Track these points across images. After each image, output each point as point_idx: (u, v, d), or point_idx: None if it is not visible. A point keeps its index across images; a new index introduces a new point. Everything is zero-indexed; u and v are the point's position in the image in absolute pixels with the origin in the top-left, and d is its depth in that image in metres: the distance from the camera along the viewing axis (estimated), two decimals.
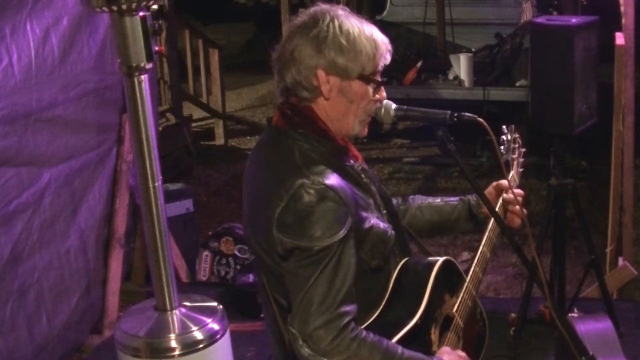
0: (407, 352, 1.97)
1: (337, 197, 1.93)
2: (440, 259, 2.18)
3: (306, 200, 1.90)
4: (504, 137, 2.49)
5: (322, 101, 2.04)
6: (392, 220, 2.19)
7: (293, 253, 1.93)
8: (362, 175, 2.13)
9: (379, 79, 2.08)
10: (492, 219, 2.32)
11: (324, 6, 2.06)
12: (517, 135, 2.53)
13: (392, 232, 2.11)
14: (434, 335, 2.11)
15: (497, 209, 2.34)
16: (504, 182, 2.37)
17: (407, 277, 2.15)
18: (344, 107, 2.05)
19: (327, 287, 1.89)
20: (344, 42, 1.98)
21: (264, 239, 1.98)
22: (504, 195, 2.37)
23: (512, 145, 2.51)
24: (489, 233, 2.33)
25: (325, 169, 1.97)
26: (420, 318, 2.06)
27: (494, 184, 2.40)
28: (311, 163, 1.98)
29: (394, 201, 2.39)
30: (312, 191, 1.91)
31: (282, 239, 1.93)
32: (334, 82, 2.02)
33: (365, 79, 2.03)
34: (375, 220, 2.06)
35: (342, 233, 1.91)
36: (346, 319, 1.90)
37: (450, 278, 2.21)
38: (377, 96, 2.09)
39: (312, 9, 2.06)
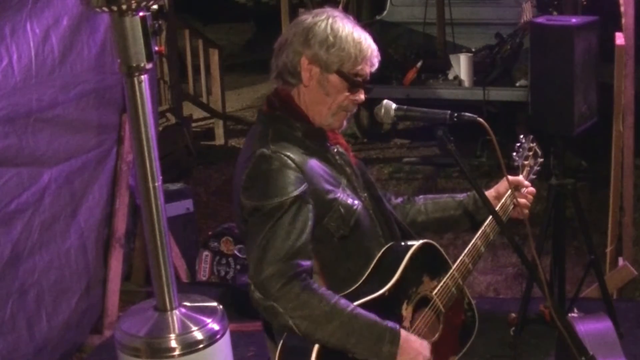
0: (359, 310, 2.04)
1: (294, 164, 2.09)
2: (420, 241, 2.25)
3: (264, 166, 2.08)
4: (519, 144, 2.50)
5: (302, 88, 2.21)
6: (374, 204, 2.29)
7: (252, 214, 2.07)
8: (337, 157, 2.26)
9: (358, 79, 2.18)
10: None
11: (327, 8, 2.25)
12: (534, 144, 2.55)
13: (360, 207, 2.20)
14: (406, 311, 2.15)
15: (503, 201, 2.39)
16: (516, 178, 2.41)
17: (387, 257, 2.22)
18: (319, 97, 2.19)
19: (281, 240, 2.01)
20: (330, 37, 2.15)
21: (238, 206, 2.14)
22: (522, 189, 2.41)
23: (527, 152, 2.52)
24: (485, 227, 2.36)
25: (291, 145, 2.13)
26: (388, 290, 2.12)
27: (503, 179, 2.40)
28: (280, 139, 2.14)
29: (399, 200, 2.51)
30: (270, 159, 2.08)
31: (244, 202, 2.09)
32: (314, 71, 2.17)
33: (343, 75, 2.16)
34: (342, 195, 2.17)
35: (294, 193, 2.05)
36: (297, 270, 2.01)
37: (433, 261, 2.27)
38: (355, 97, 2.20)
39: (317, 9, 2.25)
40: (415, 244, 2.24)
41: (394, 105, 2.19)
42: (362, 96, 2.21)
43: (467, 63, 6.75)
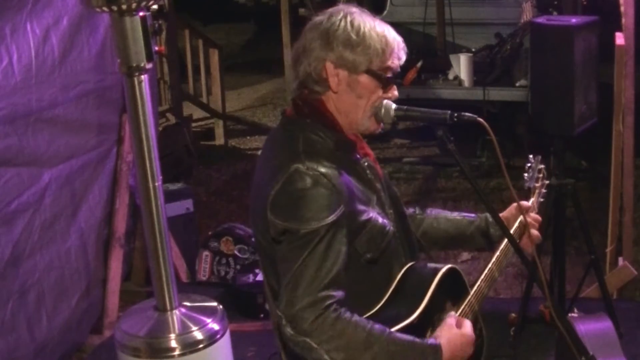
0: (395, 333, 1.97)
1: (330, 184, 1.96)
2: (446, 266, 2.19)
3: (299, 184, 1.95)
4: (529, 164, 2.50)
5: (331, 94, 2.08)
6: (399, 220, 2.21)
7: (284, 236, 1.97)
8: (367, 171, 2.16)
9: (390, 76, 2.09)
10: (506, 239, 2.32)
11: (341, 5, 2.12)
12: (542, 166, 2.54)
13: (392, 228, 2.13)
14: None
15: (514, 227, 2.35)
16: (526, 203, 2.39)
17: (412, 278, 2.16)
18: (352, 102, 2.08)
19: (315, 270, 1.92)
20: (353, 36, 2.03)
21: (261, 220, 2.03)
22: (522, 218, 2.36)
23: (537, 174, 2.52)
24: (499, 253, 2.33)
25: (324, 158, 2.01)
26: (417, 317, 2.06)
27: (515, 204, 2.37)
28: (312, 151, 2.01)
29: (411, 210, 2.43)
30: (305, 176, 1.96)
31: (274, 220, 1.97)
32: (342, 75, 2.06)
33: (373, 74, 2.06)
34: (374, 214, 2.08)
35: (330, 218, 1.94)
36: (330, 301, 1.91)
37: (455, 287, 2.22)
38: (388, 94, 2.11)
39: (331, 9, 2.11)
40: (441, 268, 2.17)
41: (393, 105, 2.13)
42: (395, 92, 2.12)
43: (467, 63, 6.75)
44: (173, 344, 2.01)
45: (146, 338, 2.01)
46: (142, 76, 1.94)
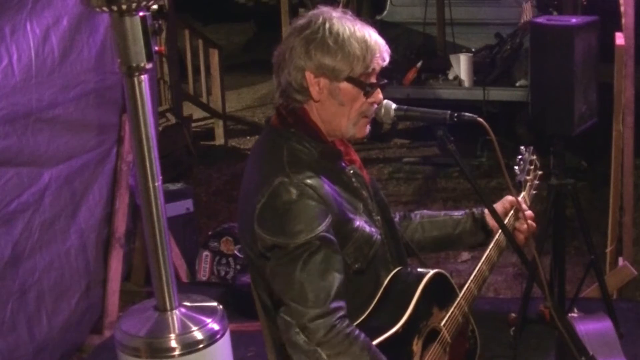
0: None
1: (316, 195, 1.94)
2: (432, 271, 2.17)
3: (284, 197, 1.93)
4: (520, 157, 2.47)
5: (313, 103, 2.05)
6: (387, 227, 2.19)
7: (273, 251, 1.95)
8: (353, 179, 2.13)
9: (374, 80, 2.06)
10: (497, 235, 2.31)
11: (323, 8, 2.07)
12: (534, 157, 2.51)
13: (379, 237, 2.11)
14: (416, 346, 2.09)
15: (505, 222, 2.31)
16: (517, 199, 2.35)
17: (397, 285, 2.14)
18: (335, 109, 2.05)
19: (319, 281, 1.91)
20: (331, 43, 1.99)
21: (248, 233, 2.02)
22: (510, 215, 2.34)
23: (528, 166, 2.49)
24: (489, 251, 2.31)
25: (309, 169, 1.99)
26: (402, 327, 2.05)
27: (505, 198, 2.36)
28: (297, 162, 1.99)
29: (396, 218, 2.39)
30: (291, 188, 1.94)
31: (261, 235, 1.96)
32: (323, 84, 2.02)
33: (354, 81, 2.02)
34: (361, 223, 2.06)
35: (320, 229, 1.92)
36: (340, 313, 1.92)
37: (442, 291, 2.20)
38: (372, 99, 2.07)
39: (311, 12, 2.07)
40: (426, 274, 2.15)
41: (393, 105, 2.12)
42: (379, 96, 2.08)
43: (467, 63, 6.75)
44: (173, 344, 2.00)
45: (146, 338, 2.01)
46: (142, 76, 1.93)
